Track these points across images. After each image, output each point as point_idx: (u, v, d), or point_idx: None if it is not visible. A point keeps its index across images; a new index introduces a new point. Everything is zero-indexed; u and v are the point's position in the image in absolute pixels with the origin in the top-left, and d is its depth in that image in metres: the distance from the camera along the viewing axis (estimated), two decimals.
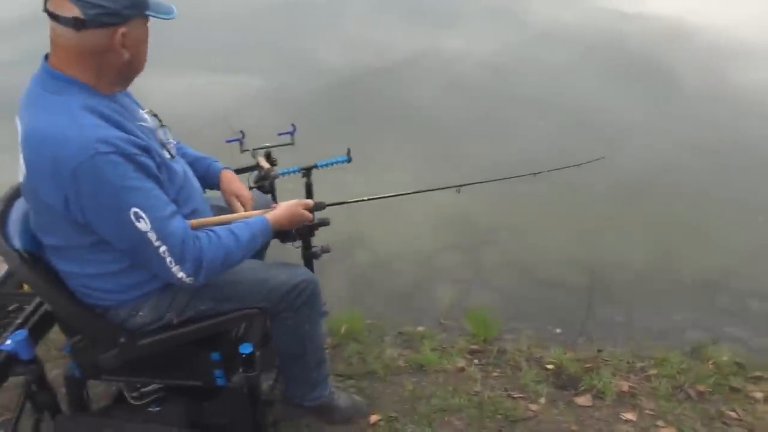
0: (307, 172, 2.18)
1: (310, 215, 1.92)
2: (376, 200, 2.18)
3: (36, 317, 1.88)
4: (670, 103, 5.12)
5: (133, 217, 1.47)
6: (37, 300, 1.92)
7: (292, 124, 2.30)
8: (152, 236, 1.50)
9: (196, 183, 1.84)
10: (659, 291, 3.38)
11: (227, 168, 2.09)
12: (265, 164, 2.17)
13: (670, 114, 5.01)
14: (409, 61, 6.22)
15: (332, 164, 2.21)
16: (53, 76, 1.50)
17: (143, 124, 1.66)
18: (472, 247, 3.66)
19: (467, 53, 6.04)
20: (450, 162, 4.19)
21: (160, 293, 1.71)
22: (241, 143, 2.29)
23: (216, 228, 1.67)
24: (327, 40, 6.55)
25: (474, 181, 2.30)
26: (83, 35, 1.45)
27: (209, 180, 2.05)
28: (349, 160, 2.23)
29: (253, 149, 2.29)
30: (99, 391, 2.29)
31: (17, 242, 1.64)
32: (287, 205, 1.86)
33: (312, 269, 2.24)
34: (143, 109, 1.76)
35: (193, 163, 2.03)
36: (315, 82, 5.64)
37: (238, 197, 2.01)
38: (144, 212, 1.48)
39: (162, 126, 1.80)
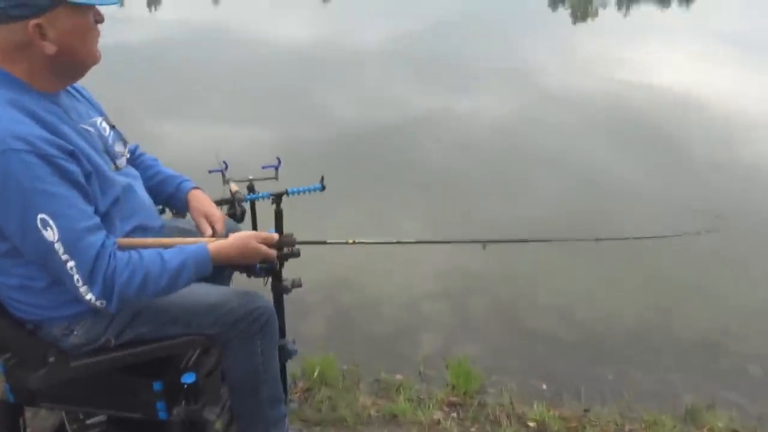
0: (276, 198, 2.05)
1: (270, 251, 1.69)
2: (362, 243, 1.99)
3: None
4: (676, 169, 5.06)
5: (39, 224, 1.35)
6: None
7: (277, 158, 2.19)
8: (59, 248, 1.37)
9: (146, 199, 1.72)
10: (654, 350, 3.20)
11: (198, 188, 1.93)
12: (234, 187, 2.06)
13: (674, 179, 4.94)
14: (421, 118, 6.22)
15: (304, 192, 2.11)
16: None
17: (87, 128, 1.56)
18: (459, 295, 3.52)
19: (479, 113, 6.04)
20: (458, 216, 4.10)
21: (97, 312, 1.56)
22: (224, 174, 2.18)
23: (143, 249, 1.51)
24: (340, 94, 6.59)
25: (507, 239, 2.09)
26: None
27: (177, 199, 1.89)
28: (322, 189, 2.12)
29: (234, 180, 2.18)
30: (47, 424, 2.14)
31: None
32: (238, 236, 1.66)
33: (282, 304, 2.10)
34: (101, 116, 1.67)
35: (164, 182, 1.89)
36: (325, 133, 5.61)
37: (207, 217, 1.83)
38: (53, 220, 1.35)
39: (121, 139, 1.72)
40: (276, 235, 1.74)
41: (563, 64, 7.63)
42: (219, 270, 1.89)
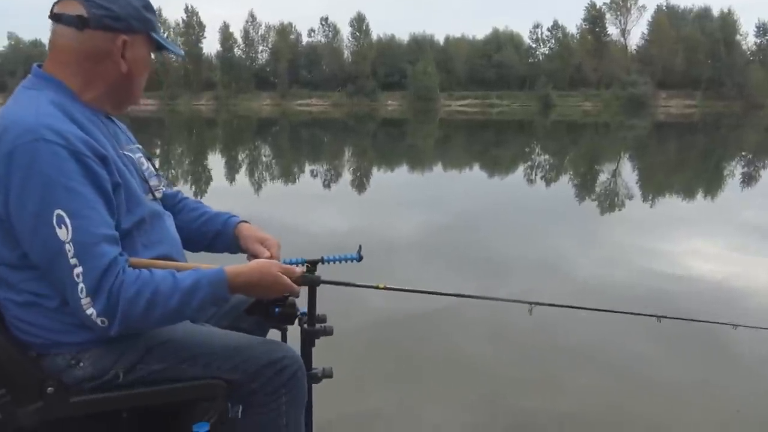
0: (311, 266, 1.92)
1: (293, 285, 1.57)
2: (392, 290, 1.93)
3: None
4: (721, 367, 4.73)
5: (54, 219, 1.27)
6: None
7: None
8: (69, 249, 1.27)
9: (175, 234, 1.63)
10: None
11: (246, 221, 1.83)
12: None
13: (720, 379, 4.58)
14: (453, 308, 6.18)
15: (340, 260, 2.00)
16: (39, 75, 1.45)
17: (128, 153, 1.54)
18: None
19: (511, 302, 5.96)
20: (493, 410, 3.87)
21: (109, 341, 1.41)
22: None
23: (155, 269, 1.39)
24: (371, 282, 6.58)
25: None
26: (84, 36, 1.42)
27: (225, 235, 1.78)
28: (359, 259, 2.01)
29: None
30: None
31: None
32: (259, 262, 1.55)
33: (311, 396, 1.87)
34: (140, 150, 1.66)
35: (210, 220, 1.80)
36: (354, 321, 5.53)
37: (262, 242, 1.72)
38: (70, 219, 1.27)
39: (157, 174, 1.69)
40: (299, 269, 1.63)
41: (594, 254, 7.72)
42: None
